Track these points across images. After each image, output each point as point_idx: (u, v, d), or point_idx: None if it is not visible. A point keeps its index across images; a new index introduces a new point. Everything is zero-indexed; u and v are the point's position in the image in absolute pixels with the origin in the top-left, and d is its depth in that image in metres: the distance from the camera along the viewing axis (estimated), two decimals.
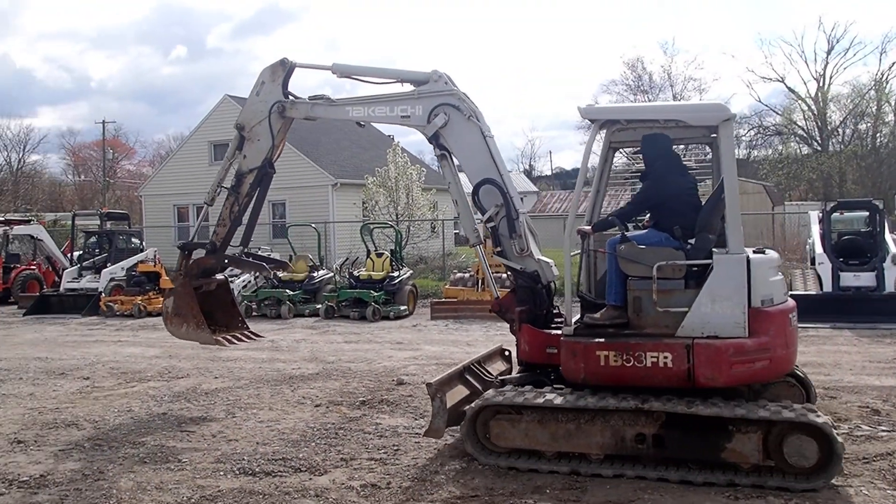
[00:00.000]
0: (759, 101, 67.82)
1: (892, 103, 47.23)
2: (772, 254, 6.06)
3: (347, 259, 20.71)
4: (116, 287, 19.26)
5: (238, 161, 7.87)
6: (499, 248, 6.75)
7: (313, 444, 6.80)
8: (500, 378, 6.86)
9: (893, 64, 47.64)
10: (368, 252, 18.43)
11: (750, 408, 5.43)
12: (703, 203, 6.24)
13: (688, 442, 5.54)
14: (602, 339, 5.87)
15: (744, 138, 54.74)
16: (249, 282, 18.97)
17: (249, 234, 8.36)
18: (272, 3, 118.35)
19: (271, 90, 7.63)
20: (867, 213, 16.15)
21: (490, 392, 6.13)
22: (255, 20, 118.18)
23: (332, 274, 18.97)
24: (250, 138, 7.74)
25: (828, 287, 14.43)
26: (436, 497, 5.42)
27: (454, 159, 7.04)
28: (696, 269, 5.81)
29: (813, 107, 48.73)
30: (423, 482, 5.72)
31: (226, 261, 8.29)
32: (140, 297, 18.18)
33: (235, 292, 17.82)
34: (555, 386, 6.13)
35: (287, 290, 17.25)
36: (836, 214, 16.07)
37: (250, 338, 8.46)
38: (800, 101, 49.73)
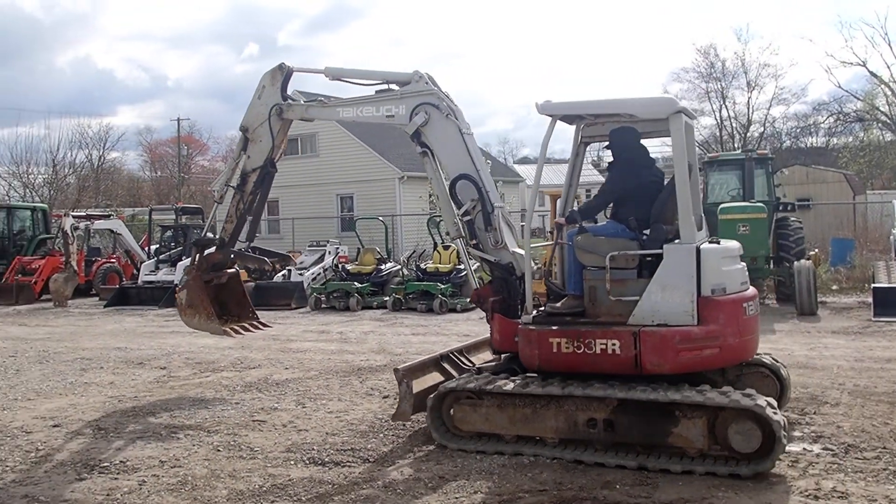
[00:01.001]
0: (839, 87, 64.98)
1: None
2: (728, 244, 6.18)
3: (414, 252, 20.83)
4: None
5: (243, 161, 8.24)
6: (475, 241, 7.00)
7: (381, 435, 6.85)
8: (477, 366, 7.06)
9: None
10: (435, 245, 18.48)
11: (685, 393, 5.54)
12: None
13: (636, 427, 5.69)
14: (555, 327, 6.08)
15: (822, 126, 52.76)
16: (318, 274, 19.26)
17: (254, 229, 8.83)
18: (341, 0, 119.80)
19: (271, 93, 8.02)
20: None
21: (463, 379, 6.44)
22: (323, 17, 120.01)
23: (399, 266, 19.09)
24: (253, 139, 8.11)
25: None
26: (503, 489, 5.39)
27: (434, 156, 7.25)
28: (649, 259, 5.98)
29: None
30: (491, 474, 5.70)
31: (232, 255, 8.66)
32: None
33: (305, 285, 18.26)
34: (526, 374, 6.34)
35: (355, 283, 17.45)
36: None
37: (258, 327, 8.88)
38: (883, 86, 47.54)
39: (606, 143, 6.85)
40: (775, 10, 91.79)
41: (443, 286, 16.43)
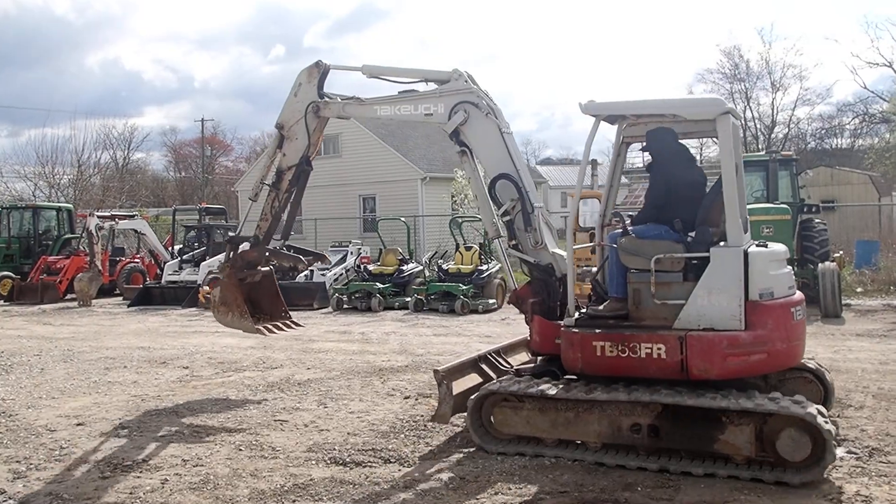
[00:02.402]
0: (865, 88, 64.25)
1: None
2: (776, 247, 6.03)
3: (436, 252, 20.83)
4: (214, 279, 19.92)
5: (278, 159, 8.21)
6: (514, 241, 6.91)
7: (402, 435, 6.86)
8: (515, 368, 6.98)
9: None
10: (457, 246, 18.48)
11: (734, 399, 5.41)
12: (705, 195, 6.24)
13: (682, 433, 5.58)
14: (599, 330, 5.98)
15: (848, 127, 52.13)
16: (341, 275, 19.33)
17: (289, 228, 8.80)
18: (367, 1, 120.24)
19: (307, 91, 7.95)
20: None
21: (505, 381, 6.31)
22: (350, 19, 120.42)
23: (421, 267, 19.11)
24: (289, 137, 8.06)
25: None
26: (524, 491, 5.37)
27: (474, 155, 7.18)
28: (695, 262, 5.86)
29: None
30: (512, 475, 5.68)
31: (266, 253, 8.61)
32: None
33: (327, 285, 18.33)
34: (566, 376, 6.25)
35: (377, 284, 17.48)
36: None
37: (291, 326, 8.83)
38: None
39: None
40: (800, 10, 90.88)
41: (464, 287, 16.41)
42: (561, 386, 6.03)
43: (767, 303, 5.65)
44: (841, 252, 16.51)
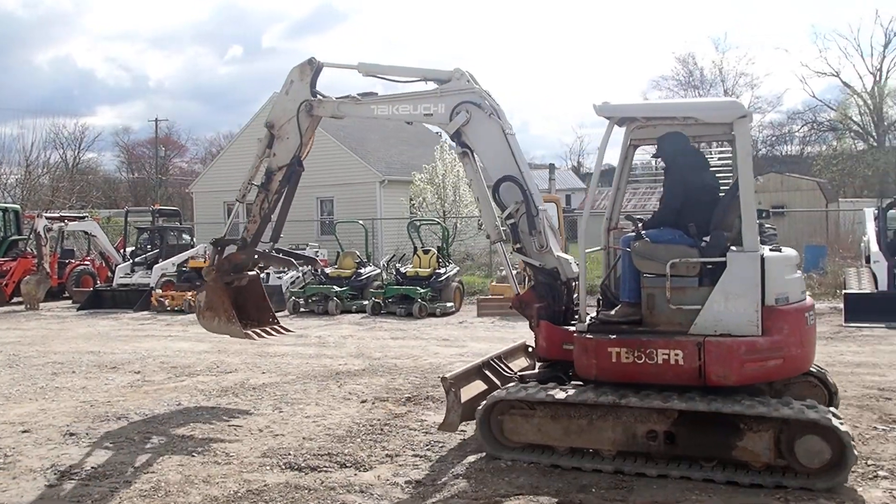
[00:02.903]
0: (814, 97, 66.10)
1: None
2: (789, 252, 5.99)
3: (394, 256, 20.78)
4: (167, 283, 19.65)
5: (268, 159, 8.02)
6: (518, 245, 6.79)
7: (359, 440, 6.81)
8: (519, 374, 6.86)
9: None
10: (415, 249, 18.45)
11: (752, 405, 5.36)
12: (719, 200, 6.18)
13: (699, 440, 5.51)
14: (614, 336, 5.87)
15: (797, 134, 53.46)
16: (297, 278, 19.15)
17: (279, 230, 8.50)
18: (326, 3, 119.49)
19: (300, 89, 7.77)
20: None
21: (513, 387, 6.13)
22: (308, 20, 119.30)
23: (379, 270, 19.03)
24: (280, 136, 7.89)
25: (883, 286, 13.97)
26: (480, 494, 5.37)
27: (476, 157, 7.07)
28: (710, 266, 5.77)
29: (869, 102, 47.39)
30: (468, 479, 5.68)
31: (256, 256, 8.40)
32: (190, 293, 18.46)
33: (283, 288, 18.16)
34: (573, 382, 6.15)
35: (334, 287, 17.36)
36: (892, 212, 15.58)
37: (279, 332, 8.58)
38: (855, 97, 48.43)
39: (654, 149, 6.57)
40: (752, 21, 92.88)
41: (422, 290, 16.39)
42: (579, 392, 5.83)
43: (783, 308, 5.61)
44: None
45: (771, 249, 5.82)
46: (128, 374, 10.22)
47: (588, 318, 6.12)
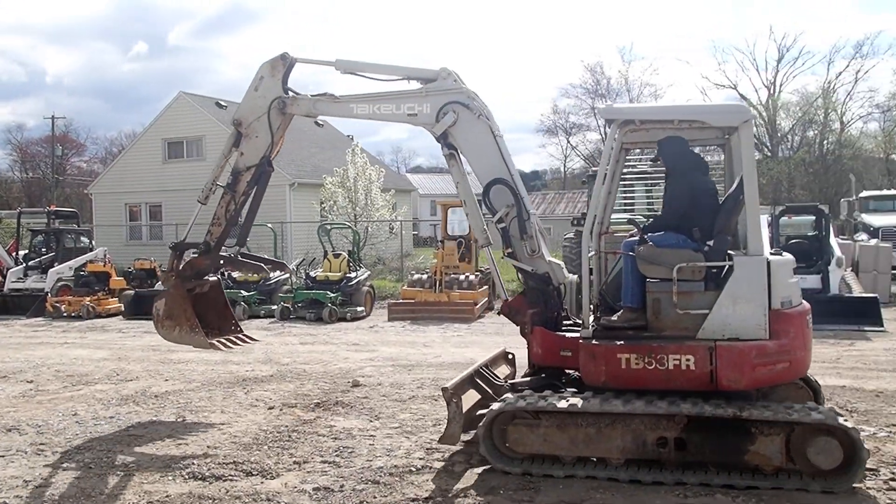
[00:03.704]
0: None
1: (839, 112, 48.58)
2: (788, 256, 6.01)
3: (304, 260, 20.51)
4: (64, 287, 18.79)
5: (235, 158, 7.62)
6: (509, 250, 6.61)
7: (266, 447, 6.69)
8: (511, 382, 6.76)
9: (840, 74, 49.05)
10: (325, 253, 18.27)
11: (774, 410, 5.40)
12: (721, 204, 6.15)
13: (710, 445, 5.51)
14: (623, 342, 5.79)
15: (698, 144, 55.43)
16: None
17: (246, 233, 8.08)
18: (236, 2, 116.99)
19: (270, 86, 7.38)
20: (814, 218, 16.51)
21: (510, 396, 5.94)
22: (218, 19, 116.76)
23: (288, 275, 18.75)
24: (248, 135, 7.49)
25: None
26: (389, 499, 5.36)
27: (463, 159, 6.88)
28: (714, 270, 5.79)
29: (764, 114, 49.81)
30: (377, 484, 5.66)
31: (221, 262, 8.04)
32: (89, 298, 17.76)
33: None
34: (567, 389, 6.09)
35: (242, 291, 17.00)
36: (784, 218, 16.39)
37: (245, 341, 8.17)
38: (751, 108, 50.76)
39: (650, 150, 6.41)
40: (656, 33, 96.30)
41: (332, 295, 16.25)
42: (602, 400, 5.70)
43: (788, 311, 5.64)
44: None
45: (772, 253, 5.85)
46: (20, 384, 9.72)
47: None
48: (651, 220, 6.66)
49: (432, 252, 22.26)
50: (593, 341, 5.85)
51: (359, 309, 16.57)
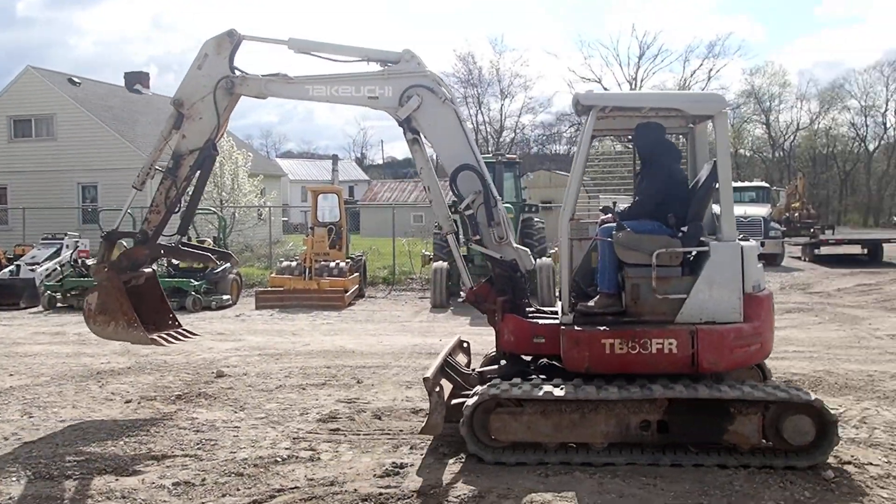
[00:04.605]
0: None
1: None
2: (754, 242, 6.23)
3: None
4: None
5: (175, 140, 7.08)
6: (476, 237, 6.50)
7: (122, 442, 6.38)
8: (478, 371, 6.73)
9: (695, 72, 51.95)
10: (189, 239, 17.58)
11: (750, 389, 5.61)
12: (693, 191, 6.30)
13: (691, 426, 5.66)
14: (605, 328, 5.88)
15: (565, 134, 57.50)
16: (54, 270, 17.53)
17: (188, 221, 7.58)
18: None
19: (216, 64, 6.88)
20: None
21: (504, 384, 5.83)
22: None
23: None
24: (190, 116, 6.96)
25: None
26: (253, 491, 5.24)
27: (427, 144, 6.71)
28: (689, 256, 5.96)
29: None
30: (241, 476, 5.52)
31: (161, 252, 7.55)
32: None
33: (37, 282, 16.57)
34: (540, 375, 6.10)
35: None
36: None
37: (186, 336, 7.67)
38: None
39: (618, 136, 6.43)
40: (526, 25, 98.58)
41: (196, 283, 15.69)
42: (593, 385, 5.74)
43: (759, 295, 5.87)
44: (556, 248, 18.12)
45: (741, 239, 6.00)
46: None
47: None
48: (627, 207, 6.77)
49: (302, 239, 21.91)
50: (575, 327, 5.93)
51: (225, 297, 16.10)
